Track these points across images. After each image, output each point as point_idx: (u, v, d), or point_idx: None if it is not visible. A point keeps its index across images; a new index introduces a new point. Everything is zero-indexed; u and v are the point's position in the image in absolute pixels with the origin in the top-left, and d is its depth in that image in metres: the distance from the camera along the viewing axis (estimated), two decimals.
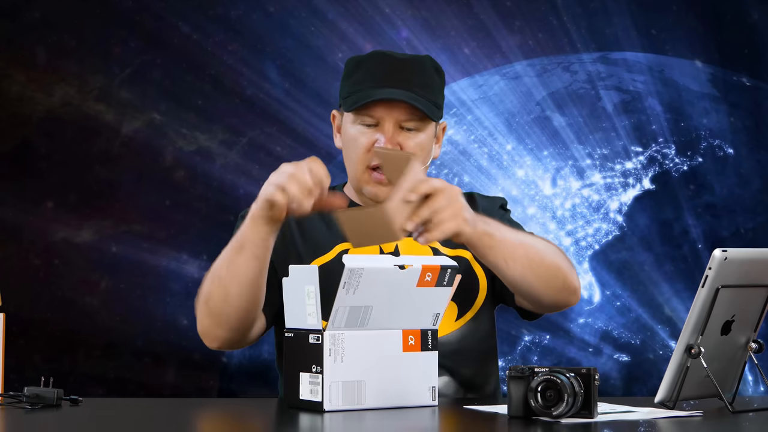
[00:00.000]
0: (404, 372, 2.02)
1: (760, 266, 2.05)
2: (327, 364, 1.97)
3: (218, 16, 4.16)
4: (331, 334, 1.97)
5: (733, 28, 4.27)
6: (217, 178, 4.05)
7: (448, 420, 1.99)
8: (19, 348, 3.92)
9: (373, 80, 2.43)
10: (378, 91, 2.41)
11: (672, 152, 4.28)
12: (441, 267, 2.03)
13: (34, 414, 1.95)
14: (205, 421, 2.02)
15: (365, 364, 1.99)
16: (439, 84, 2.49)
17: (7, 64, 4.08)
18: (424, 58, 2.50)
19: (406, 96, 2.40)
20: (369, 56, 2.49)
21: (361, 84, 2.44)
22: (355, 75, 2.46)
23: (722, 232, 4.25)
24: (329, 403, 1.96)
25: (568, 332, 4.19)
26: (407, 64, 2.46)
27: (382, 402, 2.00)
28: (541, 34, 4.27)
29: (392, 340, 2.02)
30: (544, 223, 4.25)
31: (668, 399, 1.99)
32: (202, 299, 2.30)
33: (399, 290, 2.00)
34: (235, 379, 4.19)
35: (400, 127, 2.43)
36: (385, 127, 2.42)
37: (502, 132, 4.29)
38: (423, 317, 2.05)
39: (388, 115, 2.41)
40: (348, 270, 1.95)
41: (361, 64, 2.47)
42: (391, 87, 2.42)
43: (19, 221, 4.05)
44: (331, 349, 1.97)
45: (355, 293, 1.97)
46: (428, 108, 2.42)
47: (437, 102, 2.47)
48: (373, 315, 2.00)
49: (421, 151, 2.45)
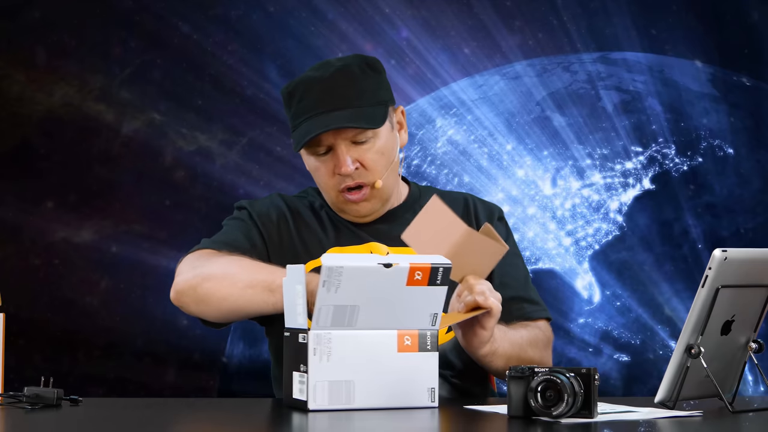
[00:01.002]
0: (399, 373, 2.01)
1: (760, 266, 2.05)
2: (312, 363, 1.96)
3: (218, 16, 4.16)
4: (317, 333, 1.97)
5: (733, 28, 4.27)
6: (217, 178, 4.05)
7: (447, 420, 1.99)
8: (19, 348, 3.92)
9: (307, 110, 2.41)
10: (315, 122, 2.39)
11: (672, 152, 4.28)
12: (432, 266, 2.01)
13: (34, 414, 1.95)
14: (205, 421, 2.02)
15: (355, 364, 1.98)
16: (376, 80, 2.45)
17: (7, 64, 4.08)
18: (352, 63, 2.44)
19: (343, 119, 2.38)
20: (297, 84, 2.45)
21: (298, 117, 2.42)
22: (291, 107, 2.45)
23: (722, 232, 4.25)
24: (314, 403, 1.96)
25: (568, 332, 4.19)
26: (335, 80, 2.42)
27: (375, 402, 2.00)
28: (541, 34, 4.27)
29: (385, 340, 2.01)
30: (544, 223, 4.26)
31: (668, 399, 1.99)
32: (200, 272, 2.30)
33: (387, 289, 1.99)
34: (235, 379, 4.19)
35: (353, 142, 2.42)
36: (338, 151, 2.41)
37: (502, 132, 4.29)
38: (419, 317, 2.03)
39: (336, 139, 2.40)
40: (326, 268, 1.94)
41: (293, 94, 2.44)
42: (326, 111, 2.39)
43: (19, 221, 4.05)
44: (316, 349, 1.97)
45: (338, 292, 1.95)
46: (369, 118, 2.40)
47: (380, 99, 2.44)
48: (362, 315, 1.98)
49: (382, 157, 2.43)
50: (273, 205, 2.51)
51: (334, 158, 2.41)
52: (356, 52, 3.98)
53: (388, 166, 2.43)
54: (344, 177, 2.41)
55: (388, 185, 2.46)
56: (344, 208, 2.47)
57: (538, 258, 4.29)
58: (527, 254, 4.24)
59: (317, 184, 2.50)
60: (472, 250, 2.16)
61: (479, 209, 2.56)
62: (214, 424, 1.97)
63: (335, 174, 2.42)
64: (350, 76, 2.41)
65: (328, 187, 2.45)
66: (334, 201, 2.47)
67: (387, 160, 2.43)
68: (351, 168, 2.39)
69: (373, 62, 2.46)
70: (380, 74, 2.46)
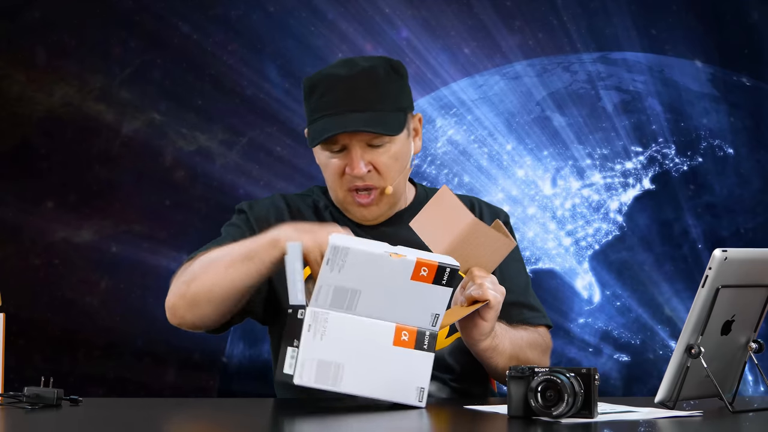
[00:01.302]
0: (391, 366, 2.00)
1: (760, 266, 2.05)
2: (305, 339, 1.96)
3: (218, 16, 4.16)
4: (314, 311, 1.96)
5: (733, 28, 4.27)
6: (217, 178, 4.05)
7: (447, 420, 1.99)
8: (19, 348, 3.92)
9: (327, 107, 2.39)
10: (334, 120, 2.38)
11: (672, 152, 4.28)
12: (439, 265, 2.01)
13: (34, 414, 1.95)
14: (205, 421, 2.02)
15: (347, 348, 1.97)
16: (399, 85, 2.44)
17: (7, 64, 4.08)
18: (377, 65, 2.42)
19: (363, 122, 2.37)
20: (320, 78, 2.43)
21: (317, 112, 2.41)
22: (310, 101, 2.43)
23: (722, 232, 4.25)
24: (299, 378, 1.95)
25: (568, 332, 4.19)
26: (359, 80, 2.40)
27: (361, 390, 1.99)
28: (541, 34, 4.27)
29: (382, 330, 2.00)
30: (544, 223, 4.26)
31: (668, 399, 1.99)
32: (184, 279, 2.28)
33: (391, 280, 1.98)
34: (235, 379, 4.19)
35: (369, 145, 2.41)
36: (352, 152, 2.40)
37: (502, 132, 4.29)
38: (420, 314, 2.02)
39: (352, 140, 2.39)
40: (332, 247, 1.94)
41: (314, 88, 2.43)
42: (346, 111, 2.38)
43: (19, 221, 4.05)
44: (311, 325, 1.96)
45: (341, 272, 1.95)
46: (387, 124, 2.39)
47: (400, 105, 2.43)
48: (362, 300, 1.97)
49: (396, 162, 2.42)
50: (273, 207, 2.50)
51: (348, 158, 2.40)
52: (356, 52, 3.99)
53: (400, 172, 2.43)
54: (355, 178, 2.40)
55: (397, 191, 2.45)
56: (350, 209, 2.46)
57: (538, 258, 4.29)
58: (527, 254, 4.24)
59: (326, 180, 2.48)
60: (478, 242, 2.15)
61: (485, 213, 2.55)
62: (214, 424, 1.97)
63: (346, 173, 2.41)
64: (374, 78, 2.40)
65: (336, 185, 2.44)
66: (341, 200, 2.46)
67: (400, 165, 2.43)
68: (363, 170, 2.38)
69: (398, 66, 2.44)
70: (404, 79, 2.45)
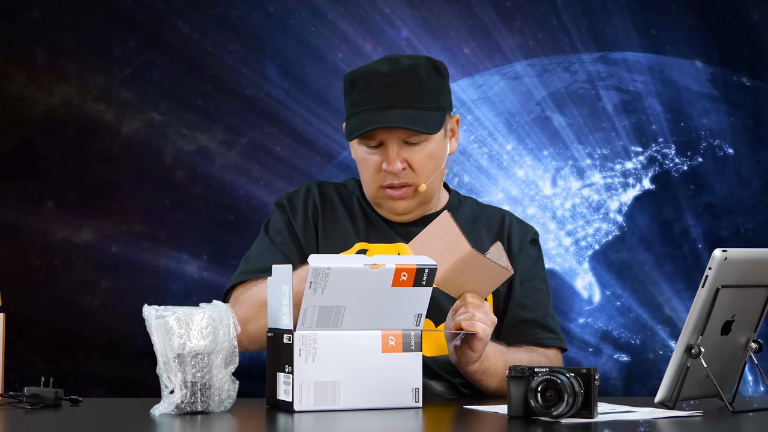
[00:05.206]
0: (384, 373, 2.01)
1: (760, 266, 2.06)
2: (297, 364, 1.97)
3: (218, 16, 4.16)
4: (302, 334, 1.97)
5: (733, 28, 4.27)
6: (217, 178, 4.05)
7: (448, 420, 1.99)
8: (19, 348, 3.92)
9: (367, 102, 2.40)
10: (373, 115, 2.38)
11: (672, 152, 4.28)
12: (417, 267, 2.01)
13: (34, 414, 1.95)
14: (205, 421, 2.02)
15: (339, 365, 1.98)
16: (439, 84, 2.46)
17: (7, 64, 4.08)
18: (420, 64, 2.44)
19: (402, 119, 2.38)
20: (362, 74, 2.44)
21: (356, 107, 2.42)
22: (351, 95, 2.44)
23: (722, 232, 4.25)
24: (299, 403, 1.96)
25: (568, 332, 4.19)
26: (401, 78, 2.41)
27: (360, 403, 1.99)
28: (541, 34, 4.27)
29: (369, 340, 2.01)
30: (544, 223, 4.25)
31: (668, 399, 1.99)
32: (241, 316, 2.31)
33: (373, 290, 1.99)
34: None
35: (406, 142, 2.42)
36: (389, 149, 2.41)
37: (502, 132, 4.29)
38: (403, 318, 2.03)
39: (389, 136, 2.40)
40: (313, 269, 1.94)
41: (355, 83, 2.44)
42: (386, 107, 2.39)
43: (19, 221, 4.05)
44: (301, 350, 1.97)
45: (324, 293, 1.95)
46: (426, 123, 2.40)
47: (440, 105, 2.44)
48: (347, 315, 1.98)
49: (431, 161, 2.43)
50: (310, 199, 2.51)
51: (384, 154, 2.41)
52: (356, 52, 3.99)
53: (435, 171, 2.44)
54: (390, 174, 2.41)
55: (431, 190, 2.46)
56: (382, 203, 2.47)
57: None
58: None
59: (360, 175, 2.49)
60: (473, 271, 2.17)
61: (513, 229, 2.55)
62: (214, 424, 1.97)
63: (381, 170, 2.42)
64: (416, 76, 2.41)
65: (371, 181, 2.45)
66: (373, 195, 2.47)
67: (435, 164, 2.44)
68: (399, 167, 2.40)
69: (440, 66, 2.46)
70: (445, 79, 2.46)
